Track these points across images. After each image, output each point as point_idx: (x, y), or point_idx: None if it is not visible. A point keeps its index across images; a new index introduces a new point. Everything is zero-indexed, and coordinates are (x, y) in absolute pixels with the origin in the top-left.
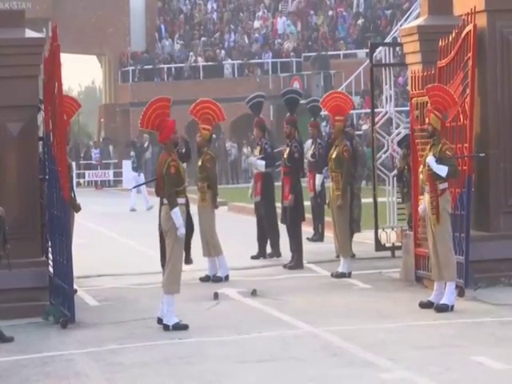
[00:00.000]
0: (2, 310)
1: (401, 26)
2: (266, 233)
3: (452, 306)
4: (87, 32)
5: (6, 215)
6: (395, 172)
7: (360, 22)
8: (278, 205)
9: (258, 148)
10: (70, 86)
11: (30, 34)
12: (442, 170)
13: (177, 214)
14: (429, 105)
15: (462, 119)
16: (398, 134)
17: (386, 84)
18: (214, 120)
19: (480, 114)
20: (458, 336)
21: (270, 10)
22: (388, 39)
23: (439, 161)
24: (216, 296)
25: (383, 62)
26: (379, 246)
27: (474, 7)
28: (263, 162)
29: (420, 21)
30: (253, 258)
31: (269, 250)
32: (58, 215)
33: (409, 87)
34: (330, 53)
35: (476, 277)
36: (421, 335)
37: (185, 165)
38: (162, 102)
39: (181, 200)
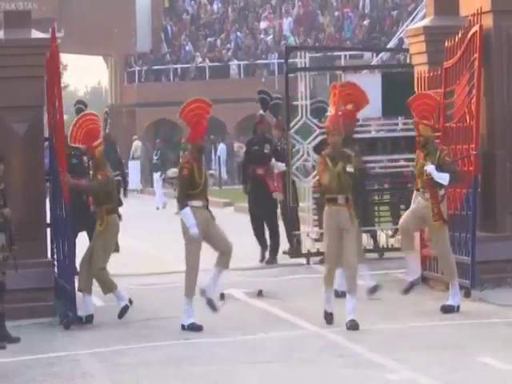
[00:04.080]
0: (9, 311)
1: (407, 26)
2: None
3: (458, 307)
4: (93, 33)
5: (11, 216)
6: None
7: (366, 22)
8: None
9: (278, 148)
10: (77, 87)
11: (36, 34)
12: (444, 179)
13: (187, 215)
14: (415, 117)
15: (468, 120)
16: (314, 139)
17: (302, 89)
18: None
19: (486, 114)
20: (463, 337)
21: (276, 10)
22: (394, 40)
23: (440, 168)
24: (222, 297)
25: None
26: (294, 251)
27: (480, 8)
28: (283, 163)
29: (426, 21)
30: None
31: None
32: (61, 216)
33: (415, 88)
34: (335, 53)
35: (482, 278)
36: (426, 336)
37: (213, 171)
38: (202, 104)
39: (196, 202)
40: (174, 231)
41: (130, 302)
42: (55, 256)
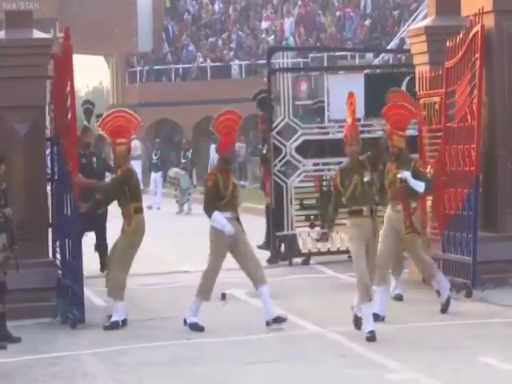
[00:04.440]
0: (10, 311)
1: (408, 26)
2: None
3: (450, 290)
4: (94, 33)
5: (13, 216)
6: None
7: (367, 22)
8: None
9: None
10: (78, 87)
11: (37, 34)
12: (420, 186)
13: (216, 218)
14: (388, 127)
15: (469, 120)
16: (296, 140)
17: (284, 89)
18: None
19: (487, 114)
20: (465, 337)
21: (278, 10)
22: (395, 40)
23: (415, 177)
24: (223, 297)
25: (280, 66)
26: (276, 254)
27: (482, 8)
28: None
29: (427, 21)
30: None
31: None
32: (68, 216)
33: (417, 88)
34: (337, 53)
35: (484, 278)
36: (428, 336)
37: (245, 183)
38: (234, 116)
39: (224, 214)
40: (176, 231)
41: (124, 322)
42: (59, 256)
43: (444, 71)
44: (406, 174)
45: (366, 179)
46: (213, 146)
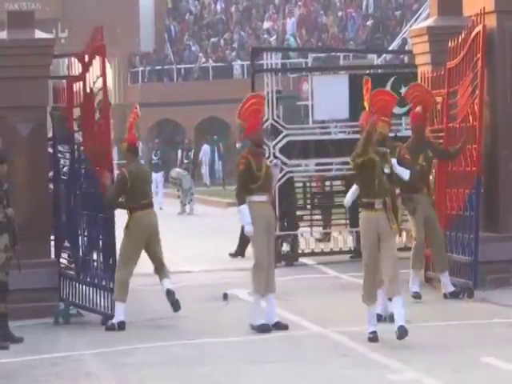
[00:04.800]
0: (12, 311)
1: (410, 26)
2: None
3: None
4: None
5: (15, 216)
6: None
7: (369, 22)
8: None
9: None
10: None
11: (39, 34)
12: (405, 173)
13: (242, 212)
14: (375, 115)
15: (471, 120)
16: (280, 140)
17: (268, 90)
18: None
19: (489, 114)
20: (466, 337)
21: (280, 10)
22: (397, 40)
23: (399, 165)
24: (225, 297)
25: (265, 67)
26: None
27: (484, 8)
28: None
29: (429, 22)
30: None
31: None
32: (92, 215)
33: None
34: (339, 54)
35: (488, 278)
36: (430, 336)
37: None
38: (258, 99)
39: (259, 197)
40: (177, 231)
41: (121, 325)
42: (69, 256)
43: (446, 71)
44: (392, 161)
45: (386, 171)
46: (205, 146)
